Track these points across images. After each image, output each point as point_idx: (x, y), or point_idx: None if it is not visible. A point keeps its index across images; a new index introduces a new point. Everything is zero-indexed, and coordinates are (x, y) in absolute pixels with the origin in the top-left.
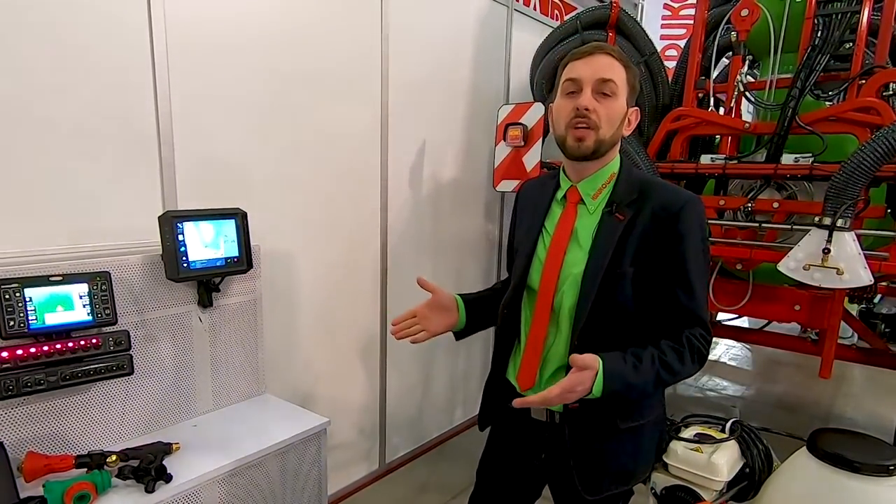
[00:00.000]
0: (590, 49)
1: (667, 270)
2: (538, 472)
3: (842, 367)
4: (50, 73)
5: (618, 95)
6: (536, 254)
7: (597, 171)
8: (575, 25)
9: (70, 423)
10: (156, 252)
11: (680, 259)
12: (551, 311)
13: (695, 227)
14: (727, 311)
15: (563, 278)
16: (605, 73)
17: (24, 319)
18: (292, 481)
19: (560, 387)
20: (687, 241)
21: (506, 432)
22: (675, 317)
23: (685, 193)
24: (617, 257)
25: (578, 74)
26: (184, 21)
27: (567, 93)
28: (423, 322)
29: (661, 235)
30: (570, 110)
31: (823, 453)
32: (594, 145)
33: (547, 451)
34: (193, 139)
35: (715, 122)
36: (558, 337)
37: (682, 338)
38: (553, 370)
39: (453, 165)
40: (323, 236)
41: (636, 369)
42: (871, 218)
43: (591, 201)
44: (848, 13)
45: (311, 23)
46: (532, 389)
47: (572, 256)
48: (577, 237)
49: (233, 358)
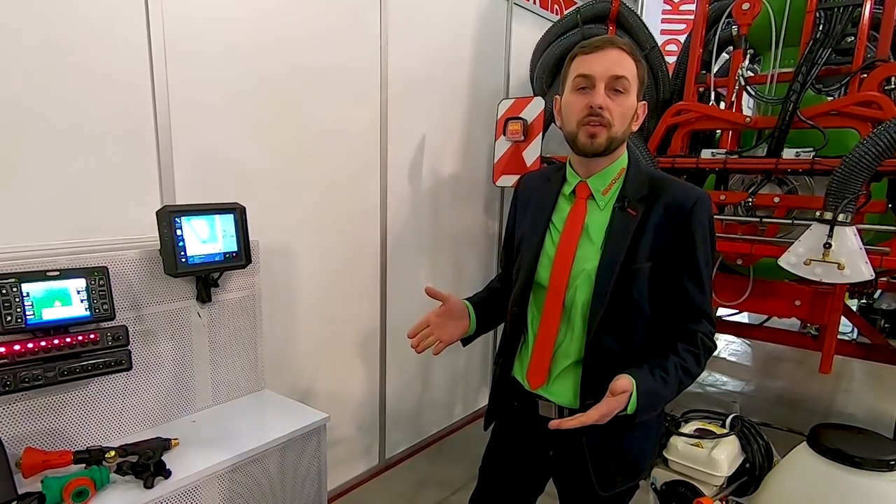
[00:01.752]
0: (600, 43)
1: (679, 266)
2: (544, 468)
3: (842, 363)
4: (47, 70)
5: (630, 92)
6: (544, 249)
7: (607, 167)
8: (575, 19)
9: (68, 419)
10: (154, 247)
11: (692, 255)
12: (563, 307)
13: (706, 223)
14: (727, 306)
15: (576, 274)
16: (618, 70)
17: (21, 315)
18: (292, 477)
19: (598, 412)
20: (698, 238)
21: (511, 429)
22: (685, 311)
23: (695, 190)
24: (631, 253)
25: (591, 70)
26: (182, 17)
27: (578, 88)
28: (438, 331)
29: (673, 232)
30: (582, 107)
31: (823, 448)
32: (607, 142)
33: (556, 448)
34: (192, 134)
35: (716, 117)
36: (570, 333)
37: (696, 339)
38: (563, 367)
39: (453, 160)
40: (322, 231)
41: (665, 382)
42: (872, 213)
43: (601, 197)
44: (850, 7)
45: (310, 18)
46: (543, 387)
47: (584, 252)
48: (588, 233)
49: (232, 353)
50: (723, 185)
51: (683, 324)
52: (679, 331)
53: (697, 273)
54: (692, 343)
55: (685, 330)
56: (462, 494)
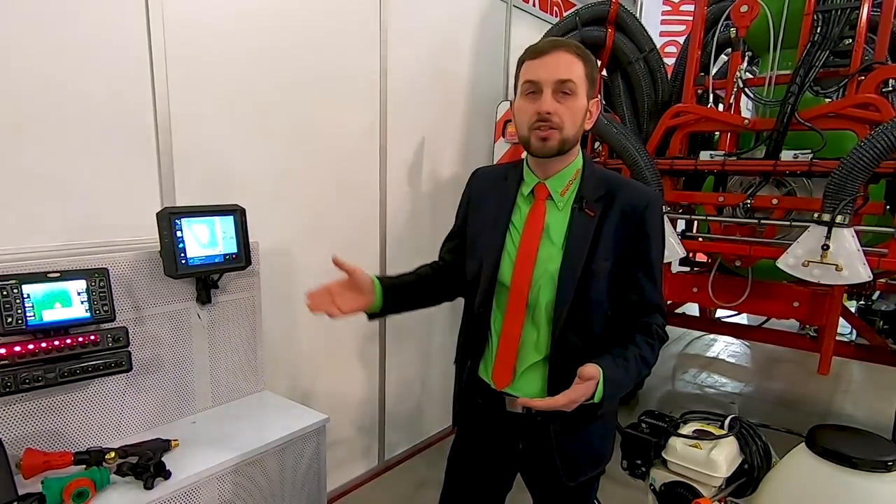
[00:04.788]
0: (545, 47)
1: (635, 264)
2: (512, 463)
3: (840, 364)
4: (47, 70)
5: (577, 94)
6: (506, 250)
7: (563, 169)
8: (574, 21)
9: (68, 420)
10: (154, 249)
11: (646, 253)
12: (526, 307)
13: (659, 223)
14: (726, 307)
15: (539, 275)
16: (563, 74)
17: (21, 316)
18: (291, 478)
19: (567, 397)
20: (652, 237)
21: (478, 428)
22: (640, 306)
23: (648, 191)
24: (591, 253)
25: (536, 76)
26: (182, 18)
27: (527, 93)
28: (338, 299)
29: (629, 231)
30: (531, 113)
31: (822, 449)
32: (558, 145)
33: (524, 442)
34: (192, 136)
35: (714, 119)
36: (533, 332)
37: (651, 330)
38: (528, 364)
39: (452, 162)
40: (322, 233)
41: (626, 371)
42: (869, 214)
43: (559, 198)
44: (847, 9)
45: (310, 20)
46: (509, 385)
47: (546, 252)
48: (549, 233)
49: (231, 355)
50: (721, 186)
51: (639, 317)
52: (635, 323)
53: (651, 270)
54: (648, 335)
55: (641, 323)
56: None
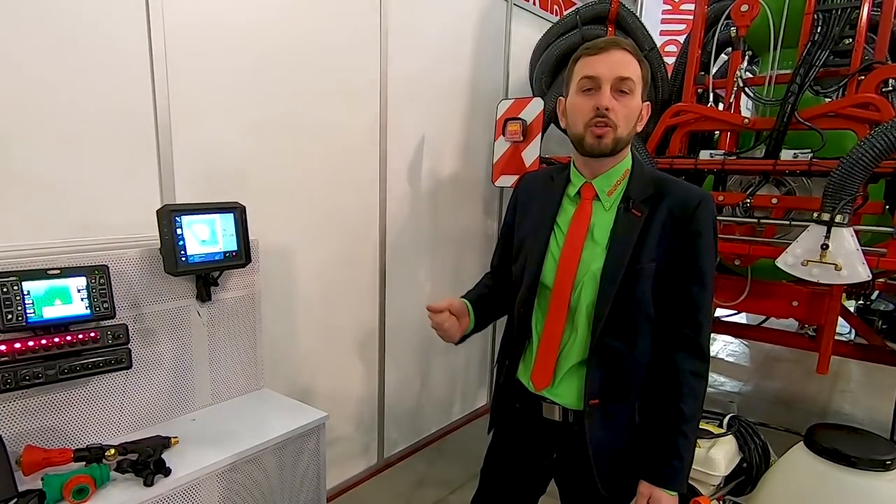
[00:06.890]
0: (605, 44)
1: (682, 266)
2: (546, 470)
3: (839, 364)
4: (48, 68)
5: (634, 93)
6: (549, 251)
7: (612, 168)
8: (574, 20)
9: (68, 417)
10: (154, 246)
11: (695, 256)
12: (568, 308)
13: (710, 224)
14: (725, 307)
15: (581, 275)
16: (623, 71)
17: (22, 313)
18: (291, 476)
19: None
20: (703, 239)
21: (514, 432)
22: (684, 310)
23: (699, 191)
24: (636, 253)
25: (596, 72)
26: (182, 15)
27: (584, 90)
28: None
29: (678, 233)
30: (589, 109)
31: (820, 448)
32: (613, 143)
33: (559, 451)
34: (192, 134)
35: (714, 118)
36: (574, 334)
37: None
38: (568, 368)
39: (452, 160)
40: (322, 231)
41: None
42: (869, 214)
43: (606, 198)
44: (848, 9)
45: (310, 18)
46: (547, 388)
47: (589, 253)
48: (592, 234)
49: (231, 352)
50: (721, 186)
51: (680, 320)
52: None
53: (699, 272)
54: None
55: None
56: (460, 494)
